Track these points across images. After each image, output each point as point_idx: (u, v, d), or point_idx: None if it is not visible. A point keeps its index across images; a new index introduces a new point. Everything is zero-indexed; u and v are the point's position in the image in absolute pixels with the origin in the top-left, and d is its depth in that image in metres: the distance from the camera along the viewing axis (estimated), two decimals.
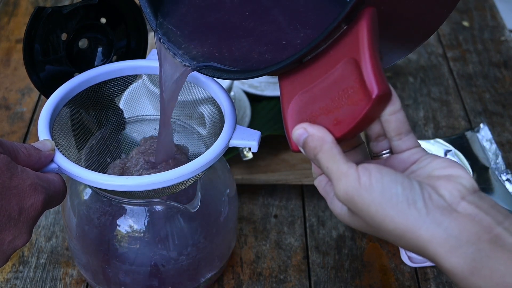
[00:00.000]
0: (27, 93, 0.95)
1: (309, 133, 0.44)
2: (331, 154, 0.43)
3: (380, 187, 0.41)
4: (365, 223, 0.43)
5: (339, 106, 0.43)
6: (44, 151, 0.50)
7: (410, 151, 0.45)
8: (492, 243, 0.39)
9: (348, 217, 0.45)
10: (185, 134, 0.66)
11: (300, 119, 0.46)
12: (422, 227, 0.40)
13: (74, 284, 0.70)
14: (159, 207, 0.61)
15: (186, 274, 0.65)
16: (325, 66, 0.44)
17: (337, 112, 0.43)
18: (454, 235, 0.40)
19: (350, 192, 0.42)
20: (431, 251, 0.40)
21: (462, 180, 0.42)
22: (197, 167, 0.52)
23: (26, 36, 0.56)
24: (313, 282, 0.71)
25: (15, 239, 0.46)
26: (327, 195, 0.48)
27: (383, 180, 0.41)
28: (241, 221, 0.77)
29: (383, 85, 0.41)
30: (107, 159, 0.64)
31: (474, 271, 0.39)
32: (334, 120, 0.44)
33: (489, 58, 1.06)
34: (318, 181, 0.49)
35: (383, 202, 0.41)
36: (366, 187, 0.41)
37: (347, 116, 0.43)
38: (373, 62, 0.41)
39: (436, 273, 0.72)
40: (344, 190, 0.42)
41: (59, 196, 0.50)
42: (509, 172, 0.80)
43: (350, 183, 0.42)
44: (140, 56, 0.64)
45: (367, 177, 0.41)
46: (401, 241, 0.42)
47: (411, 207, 0.40)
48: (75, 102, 0.59)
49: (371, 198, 0.41)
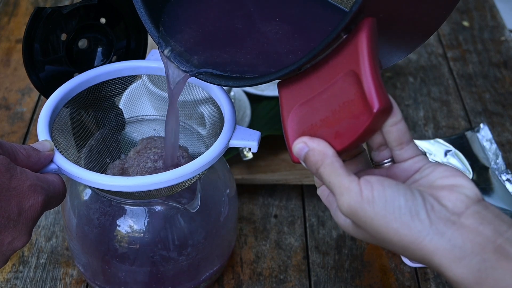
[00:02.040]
0: (27, 93, 0.95)
1: (310, 148, 0.44)
2: (332, 168, 0.43)
3: (383, 200, 0.41)
4: (370, 235, 0.43)
5: (340, 119, 0.43)
6: (43, 152, 0.50)
7: (412, 160, 0.45)
8: (496, 253, 0.39)
9: (353, 229, 0.45)
10: (185, 134, 0.66)
11: (301, 130, 0.45)
12: (426, 238, 0.40)
13: (74, 284, 0.70)
14: (159, 207, 0.61)
15: (186, 274, 0.65)
16: (325, 76, 0.44)
17: (337, 125, 0.43)
18: (458, 246, 0.40)
19: (353, 206, 0.42)
20: (436, 261, 0.40)
21: (465, 190, 0.42)
22: (197, 167, 0.52)
23: (26, 36, 0.56)
24: (313, 282, 0.71)
25: (14, 240, 0.46)
26: (330, 205, 0.48)
27: (385, 193, 0.41)
28: (241, 221, 0.77)
29: (384, 99, 0.41)
30: (106, 159, 0.64)
31: (479, 281, 0.39)
32: (335, 133, 0.43)
33: (489, 58, 1.06)
34: (321, 190, 0.49)
35: (386, 215, 0.41)
36: (369, 200, 0.41)
37: (348, 129, 0.43)
38: (374, 75, 0.41)
39: (436, 273, 0.72)
40: (347, 205, 0.42)
41: (58, 196, 0.50)
42: (509, 172, 0.80)
43: (353, 198, 0.42)
44: (140, 57, 0.64)
45: (369, 191, 0.41)
46: (407, 252, 0.42)
47: (414, 218, 0.41)
48: (74, 103, 0.59)
49: (374, 212, 0.41)
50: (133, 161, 0.62)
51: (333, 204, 0.48)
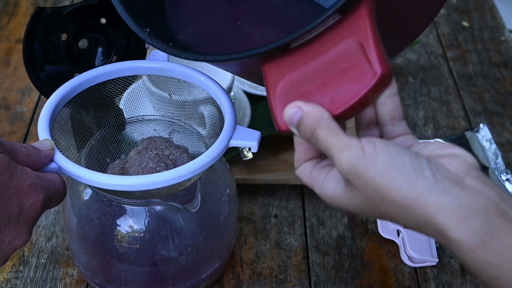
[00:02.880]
0: (27, 93, 0.95)
1: (304, 111, 0.42)
2: (330, 128, 0.42)
3: (387, 156, 0.40)
4: (366, 199, 0.41)
5: (337, 85, 0.43)
6: (43, 151, 0.50)
7: (403, 137, 0.44)
8: (501, 216, 0.38)
9: (345, 196, 0.43)
10: (185, 134, 0.66)
11: (290, 98, 0.44)
12: (431, 196, 0.39)
13: (74, 284, 0.70)
14: (159, 207, 0.62)
15: (186, 274, 0.65)
16: (318, 49, 0.44)
17: (334, 91, 0.43)
18: (464, 205, 0.38)
19: (354, 162, 0.40)
20: (439, 221, 0.39)
21: (465, 158, 0.41)
22: (197, 167, 0.52)
23: (26, 36, 0.56)
24: (313, 282, 0.71)
25: (14, 239, 0.46)
26: (315, 181, 0.45)
27: (389, 151, 0.40)
28: (241, 221, 0.77)
29: (388, 64, 0.41)
30: (107, 159, 0.64)
31: (483, 243, 0.38)
32: (330, 99, 0.43)
33: (489, 58, 1.06)
34: (302, 169, 0.47)
35: (390, 172, 0.39)
36: (372, 156, 0.40)
37: (346, 94, 0.42)
38: (377, 42, 0.41)
39: (436, 273, 0.72)
40: (348, 161, 0.40)
41: (59, 195, 0.50)
42: (509, 172, 0.80)
43: (354, 153, 0.40)
44: (140, 57, 0.64)
45: (372, 147, 0.40)
46: (405, 214, 0.40)
47: (419, 176, 0.39)
48: (75, 102, 0.59)
49: (377, 168, 0.39)
50: (134, 161, 0.62)
51: (318, 178, 0.45)
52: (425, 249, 0.72)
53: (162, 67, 0.61)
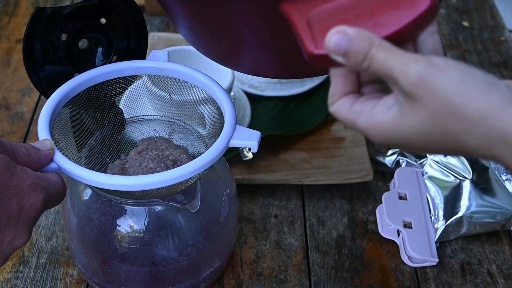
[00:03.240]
0: (27, 93, 0.95)
1: (351, 35, 0.39)
2: (387, 46, 0.39)
3: (458, 67, 0.38)
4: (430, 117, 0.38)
5: (381, 12, 0.41)
6: (43, 151, 0.50)
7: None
8: None
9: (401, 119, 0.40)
10: (185, 134, 0.66)
11: (326, 27, 0.41)
12: (507, 108, 0.36)
13: (74, 284, 0.70)
14: (159, 207, 0.62)
15: (186, 274, 0.65)
16: None
17: (378, 17, 0.40)
18: None
19: (424, 72, 0.37)
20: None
21: None
22: (197, 167, 0.52)
23: (26, 36, 0.56)
24: (313, 282, 0.71)
25: (14, 239, 0.46)
26: (359, 113, 0.42)
27: (459, 63, 0.38)
28: (241, 221, 0.77)
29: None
30: (107, 159, 0.64)
31: None
32: (373, 23, 0.40)
33: (489, 58, 1.06)
34: (340, 104, 0.43)
35: (463, 81, 0.37)
36: (442, 67, 0.38)
37: (391, 20, 0.40)
38: None
39: (436, 273, 0.73)
40: (416, 72, 0.38)
41: (59, 195, 0.50)
42: (508, 172, 0.80)
43: (423, 64, 0.38)
44: (140, 57, 0.64)
45: (441, 60, 0.38)
46: (477, 129, 0.37)
47: (493, 88, 0.37)
48: (75, 102, 0.59)
49: (449, 78, 0.37)
50: (134, 161, 0.62)
51: (364, 109, 0.42)
52: (425, 249, 0.72)
53: (162, 67, 0.61)
